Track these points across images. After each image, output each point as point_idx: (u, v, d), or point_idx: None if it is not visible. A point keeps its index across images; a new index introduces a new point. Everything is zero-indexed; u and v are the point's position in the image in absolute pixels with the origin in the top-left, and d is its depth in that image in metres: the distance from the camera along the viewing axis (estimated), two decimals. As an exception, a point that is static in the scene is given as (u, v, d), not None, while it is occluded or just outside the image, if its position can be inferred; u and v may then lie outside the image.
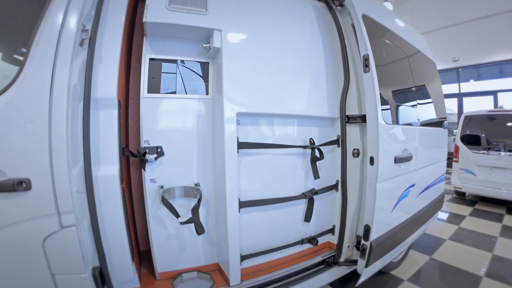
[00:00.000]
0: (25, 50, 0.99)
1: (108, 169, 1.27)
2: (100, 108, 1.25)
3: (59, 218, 0.99)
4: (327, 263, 1.95)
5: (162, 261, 1.68)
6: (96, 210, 1.16)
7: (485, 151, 4.28)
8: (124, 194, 1.45)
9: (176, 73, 1.65)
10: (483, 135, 4.37)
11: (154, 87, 1.59)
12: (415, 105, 2.36)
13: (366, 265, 1.76)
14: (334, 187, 2.02)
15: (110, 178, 1.27)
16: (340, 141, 1.94)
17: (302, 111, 1.80)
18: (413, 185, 2.11)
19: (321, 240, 2.04)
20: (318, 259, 1.95)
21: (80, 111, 1.11)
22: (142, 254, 1.96)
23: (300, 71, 1.80)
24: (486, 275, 2.41)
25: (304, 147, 1.86)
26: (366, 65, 1.72)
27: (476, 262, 2.66)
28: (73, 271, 1.06)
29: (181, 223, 1.50)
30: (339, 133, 1.93)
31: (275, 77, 1.69)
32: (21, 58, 0.99)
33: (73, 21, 1.05)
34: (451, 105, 8.72)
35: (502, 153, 4.09)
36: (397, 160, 1.84)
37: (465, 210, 4.32)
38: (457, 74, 8.60)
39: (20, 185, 0.92)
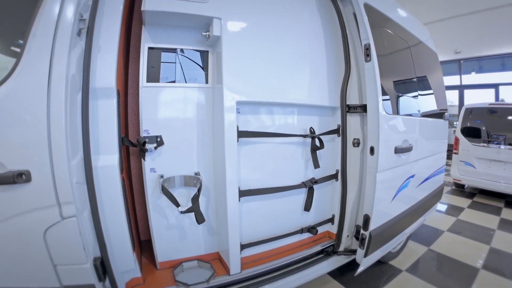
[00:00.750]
0: (22, 41, 0.98)
1: (107, 159, 1.27)
2: (98, 98, 1.24)
3: (59, 209, 0.99)
4: (327, 253, 1.97)
5: (163, 251, 1.69)
6: (96, 201, 1.16)
7: (485, 144, 4.27)
8: (124, 184, 1.45)
9: (175, 63, 1.63)
10: (484, 128, 4.37)
11: (153, 76, 1.57)
12: (416, 96, 2.34)
13: (365, 255, 1.78)
14: (334, 176, 2.03)
15: (110, 168, 1.27)
16: (340, 131, 1.94)
17: (302, 100, 1.79)
18: (412, 176, 2.11)
19: (320, 230, 2.06)
20: (318, 248, 1.97)
21: (79, 102, 1.11)
22: (143, 244, 1.97)
23: (300, 59, 1.78)
24: (483, 267, 2.44)
25: (304, 136, 1.85)
26: (367, 55, 1.70)
27: (473, 254, 2.68)
28: (75, 261, 1.06)
29: (181, 212, 1.50)
30: (340, 123, 1.93)
31: (276, 65, 1.67)
32: (18, 49, 0.98)
33: (70, 11, 1.04)
34: (452, 97, 8.68)
35: (502, 147, 4.08)
36: (397, 150, 1.84)
37: (464, 202, 4.34)
38: (458, 66, 8.53)
39: (20, 177, 0.92)
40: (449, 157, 3.46)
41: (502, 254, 2.69)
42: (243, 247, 1.69)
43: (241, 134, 1.58)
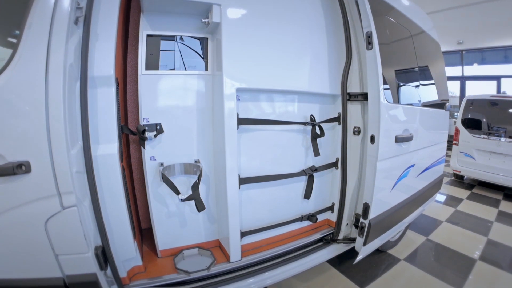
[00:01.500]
0: (18, 32, 0.96)
1: (107, 148, 1.26)
2: (97, 87, 1.23)
3: (60, 199, 0.99)
4: (326, 241, 1.99)
5: (163, 239, 1.70)
6: (96, 190, 1.16)
7: (485, 136, 4.26)
8: (124, 173, 1.45)
9: (174, 51, 1.61)
10: (484, 120, 4.35)
11: (152, 64, 1.55)
12: (418, 85, 2.33)
13: (364, 243, 1.79)
14: (334, 164, 2.03)
15: (109, 157, 1.27)
16: (341, 119, 1.93)
17: (302, 87, 1.77)
18: (412, 166, 2.11)
19: (320, 218, 2.07)
20: (317, 236, 1.98)
21: (77, 91, 1.09)
22: (144, 232, 1.99)
23: (301, 46, 1.75)
24: (480, 259, 2.46)
25: (305, 123, 1.85)
26: (369, 42, 1.68)
27: (471, 245, 2.71)
28: (76, 251, 1.07)
29: (182, 200, 1.51)
30: (340, 111, 1.92)
31: (276, 52, 1.65)
32: (14, 40, 0.96)
33: None
34: (453, 88, 8.62)
35: (502, 139, 4.07)
36: (398, 139, 1.83)
37: (462, 193, 4.36)
38: (461, 56, 8.45)
39: (19, 168, 0.92)
40: (449, 148, 3.45)
41: (499, 246, 2.71)
42: (243, 234, 1.71)
43: (241, 121, 1.58)
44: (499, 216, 3.45)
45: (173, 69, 1.60)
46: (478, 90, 7.75)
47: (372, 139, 1.70)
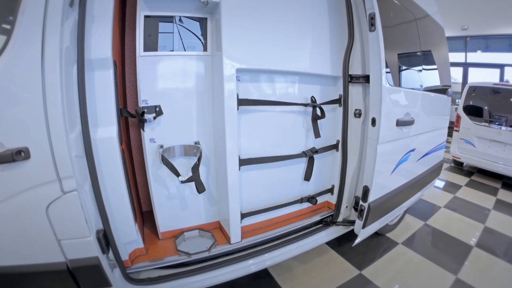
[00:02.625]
0: (11, 18, 0.93)
1: (106, 131, 1.26)
2: (95, 70, 1.21)
3: (60, 184, 0.99)
4: (325, 223, 2.01)
5: (164, 221, 1.72)
6: (96, 173, 1.16)
7: (486, 124, 4.24)
8: (124, 156, 1.45)
9: (173, 32, 1.57)
10: (486, 108, 4.31)
11: (150, 45, 1.52)
12: (420, 70, 2.29)
13: (363, 226, 1.81)
14: (334, 146, 2.03)
15: (109, 140, 1.26)
16: (342, 101, 1.91)
17: (304, 68, 1.75)
18: (413, 150, 2.10)
19: (320, 200, 2.09)
20: (317, 218, 2.00)
21: (75, 74, 1.08)
22: (145, 215, 2.01)
23: (303, 26, 1.72)
24: (476, 245, 2.49)
25: (306, 105, 1.83)
26: (372, 24, 1.64)
27: (468, 232, 2.74)
28: (78, 235, 1.07)
29: (182, 182, 1.51)
30: (341, 93, 1.90)
31: (277, 32, 1.62)
32: (8, 26, 0.93)
33: None
34: (455, 74, 8.51)
35: (503, 128, 4.05)
36: (399, 123, 1.82)
37: (461, 180, 4.38)
38: (464, 43, 8.30)
39: (19, 155, 0.91)
40: (449, 134, 3.43)
41: (496, 233, 2.74)
42: (243, 216, 1.72)
43: (241, 102, 1.56)
44: (496, 204, 3.47)
45: (172, 50, 1.57)
46: (481, 77, 7.65)
47: (373, 122, 1.69)
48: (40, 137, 0.94)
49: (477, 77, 7.98)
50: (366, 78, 1.77)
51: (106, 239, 1.20)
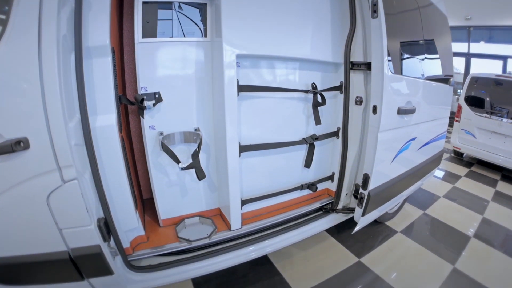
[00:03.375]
0: (7, 7, 0.90)
1: (105, 119, 1.25)
2: (93, 57, 1.19)
3: (60, 173, 0.98)
4: (325, 210, 2.02)
5: (165, 208, 1.73)
6: (96, 162, 1.15)
7: (487, 115, 4.22)
8: (124, 143, 1.44)
9: (172, 19, 1.55)
10: (488, 99, 4.29)
11: (149, 32, 1.50)
12: (423, 59, 2.27)
13: (363, 214, 1.82)
14: (335, 134, 2.02)
15: (108, 128, 1.26)
16: (343, 88, 1.89)
17: (305, 54, 1.73)
18: (413, 139, 2.10)
19: (320, 187, 2.09)
20: (317, 205, 2.02)
21: (72, 62, 1.06)
22: (146, 202, 2.01)
23: (304, 12, 1.69)
24: (474, 236, 2.51)
25: (306, 91, 1.81)
26: (375, 11, 1.61)
27: (466, 222, 2.75)
28: (79, 224, 1.07)
29: (182, 168, 1.51)
30: (342, 80, 1.88)
31: (277, 18, 1.59)
32: (3, 16, 0.91)
33: None
34: (458, 64, 8.42)
35: (504, 120, 4.03)
36: (400, 111, 1.81)
37: (461, 170, 4.39)
38: (467, 33, 8.20)
39: (18, 145, 0.90)
40: (450, 124, 3.41)
41: (493, 225, 2.76)
42: (243, 202, 1.73)
43: (242, 88, 1.55)
44: (495, 196, 3.48)
45: (171, 36, 1.55)
46: (483, 68, 7.57)
47: (375, 109, 1.68)
48: (39, 126, 0.93)
49: (480, 68, 7.89)
50: (368, 65, 1.76)
51: (107, 227, 1.21)
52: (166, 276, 1.44)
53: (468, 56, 8.39)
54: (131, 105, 1.66)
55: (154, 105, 1.51)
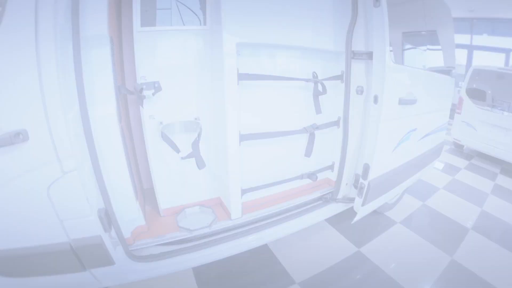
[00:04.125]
0: None
1: (105, 109, 1.24)
2: (91, 47, 1.17)
3: (60, 164, 0.98)
4: (325, 199, 2.03)
5: (165, 198, 1.73)
6: (96, 152, 1.15)
7: (488, 108, 4.21)
8: (124, 133, 1.44)
9: (170, 8, 1.53)
10: (489, 92, 4.26)
11: (147, 20, 1.48)
12: (425, 49, 2.24)
13: (363, 204, 1.83)
14: (335, 123, 2.01)
15: (108, 118, 1.25)
16: (344, 77, 1.88)
17: (306, 43, 1.71)
18: (414, 130, 2.09)
19: (320, 176, 2.10)
20: (317, 194, 2.02)
21: (70, 52, 1.05)
22: (146, 192, 2.02)
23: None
24: (472, 228, 2.53)
25: (307, 80, 1.80)
26: (377, 0, 1.59)
27: (465, 215, 2.77)
28: (80, 215, 1.07)
29: (182, 158, 1.51)
30: (344, 69, 1.86)
31: (278, 5, 1.56)
32: None
33: None
34: (460, 56, 8.35)
35: (505, 113, 4.02)
36: (401, 101, 1.79)
37: (461, 162, 4.40)
38: (470, 25, 8.10)
39: (17, 137, 0.89)
40: (451, 116, 3.40)
41: (492, 218, 2.77)
42: (244, 192, 1.73)
43: (242, 76, 1.53)
44: (495, 189, 3.50)
45: (170, 25, 1.53)
46: (486, 61, 7.51)
47: (375, 99, 1.67)
48: (37, 118, 0.92)
49: (482, 60, 7.82)
50: (369, 55, 1.73)
51: (107, 218, 1.21)
52: (167, 266, 1.45)
53: (471, 48, 8.31)
54: (130, 95, 1.65)
55: (153, 94, 1.50)
